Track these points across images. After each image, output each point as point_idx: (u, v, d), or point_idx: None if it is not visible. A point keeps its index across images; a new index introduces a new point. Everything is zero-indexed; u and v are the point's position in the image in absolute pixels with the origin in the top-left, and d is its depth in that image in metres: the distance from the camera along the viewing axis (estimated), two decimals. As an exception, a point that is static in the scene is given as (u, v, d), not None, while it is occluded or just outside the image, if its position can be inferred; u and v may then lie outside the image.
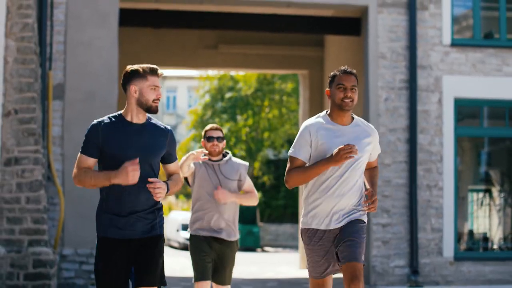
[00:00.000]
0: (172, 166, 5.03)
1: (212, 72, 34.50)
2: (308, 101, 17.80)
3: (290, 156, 5.16)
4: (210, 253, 6.61)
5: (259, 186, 37.01)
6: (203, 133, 6.72)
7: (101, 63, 11.75)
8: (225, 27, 15.37)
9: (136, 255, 4.83)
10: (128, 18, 13.27)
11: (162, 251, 4.90)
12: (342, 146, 4.93)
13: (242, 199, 6.78)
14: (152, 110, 4.80)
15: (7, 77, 10.12)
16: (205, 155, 6.61)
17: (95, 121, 4.83)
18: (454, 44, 12.83)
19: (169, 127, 4.97)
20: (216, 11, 14.41)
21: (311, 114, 17.59)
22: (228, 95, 34.77)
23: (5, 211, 10.03)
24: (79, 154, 4.86)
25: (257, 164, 35.52)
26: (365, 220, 5.21)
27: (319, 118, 5.19)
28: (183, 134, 42.48)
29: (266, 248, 32.77)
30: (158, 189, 4.74)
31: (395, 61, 12.58)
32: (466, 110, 13.40)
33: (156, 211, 4.90)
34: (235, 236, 6.71)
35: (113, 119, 4.83)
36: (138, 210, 4.80)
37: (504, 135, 13.58)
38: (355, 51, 14.11)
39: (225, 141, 6.71)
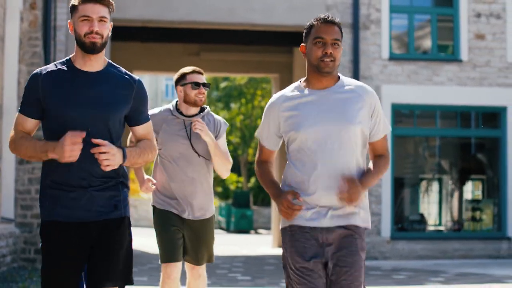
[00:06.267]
0: (141, 129, 3.69)
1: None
2: (279, 101, 19.05)
3: (259, 141, 3.83)
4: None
5: (253, 171, 36.85)
6: (177, 76, 5.03)
7: (96, 76, 13.13)
8: (205, 41, 16.30)
9: (92, 244, 3.54)
10: (119, 34, 13.65)
11: (126, 239, 3.59)
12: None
13: (218, 151, 4.99)
14: (87, 47, 3.48)
15: (20, 95, 10.61)
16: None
17: (36, 70, 3.59)
18: (392, 58, 14.05)
19: (136, 77, 3.65)
20: (196, 28, 15.18)
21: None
22: (222, 84, 34.48)
23: (19, 200, 10.95)
24: (17, 113, 3.62)
25: (251, 150, 35.08)
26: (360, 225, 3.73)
27: (289, 88, 3.78)
28: (180, 122, 42.77)
29: (260, 231, 32.29)
30: (105, 154, 3.41)
31: (341, 73, 13.76)
32: (401, 113, 14.59)
33: (119, 186, 3.60)
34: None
35: (60, 66, 3.57)
36: (93, 183, 3.52)
37: (435, 134, 14.79)
38: (318, 57, 15.19)
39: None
